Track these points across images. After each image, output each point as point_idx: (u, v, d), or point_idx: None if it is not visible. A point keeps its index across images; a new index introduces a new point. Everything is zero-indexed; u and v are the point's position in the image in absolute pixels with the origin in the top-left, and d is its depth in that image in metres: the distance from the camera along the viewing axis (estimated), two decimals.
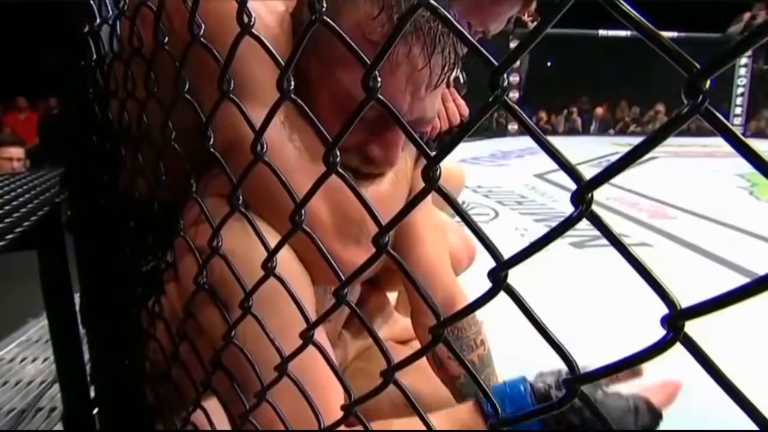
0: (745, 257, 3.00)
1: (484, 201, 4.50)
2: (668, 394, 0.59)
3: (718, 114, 0.20)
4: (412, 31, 0.55)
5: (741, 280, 0.20)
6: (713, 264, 2.99)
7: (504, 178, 5.49)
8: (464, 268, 1.18)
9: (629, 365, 0.23)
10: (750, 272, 2.72)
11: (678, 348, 0.23)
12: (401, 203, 0.65)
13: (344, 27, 0.56)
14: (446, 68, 0.59)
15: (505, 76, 0.24)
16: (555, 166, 0.24)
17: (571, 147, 7.32)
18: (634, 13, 0.21)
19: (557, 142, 0.24)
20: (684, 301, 0.22)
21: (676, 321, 0.22)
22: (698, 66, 0.19)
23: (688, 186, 4.75)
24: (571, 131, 10.23)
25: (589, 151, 7.05)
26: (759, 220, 3.79)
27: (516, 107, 0.24)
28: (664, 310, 0.23)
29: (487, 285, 0.27)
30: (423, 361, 0.91)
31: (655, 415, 0.57)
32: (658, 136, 0.20)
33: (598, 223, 0.23)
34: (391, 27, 0.54)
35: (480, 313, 1.03)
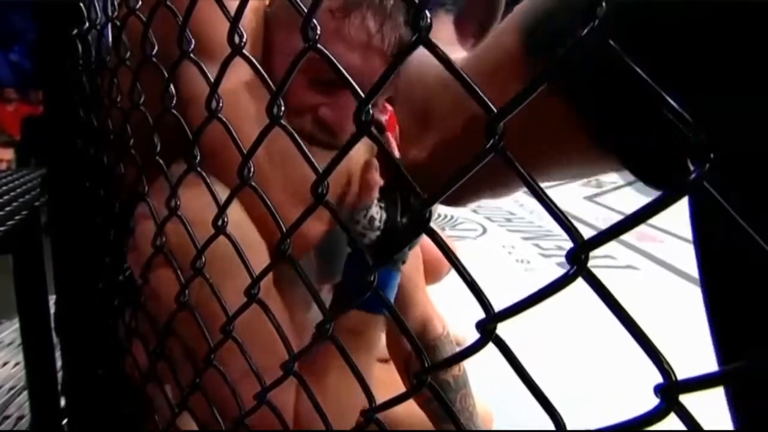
0: None
1: (472, 216, 4.50)
2: None
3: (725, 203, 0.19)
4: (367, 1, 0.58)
5: None
6: (698, 290, 3.01)
7: None
8: (444, 274, 1.18)
9: None
10: None
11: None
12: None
13: None
14: (399, 38, 0.60)
15: (502, 125, 0.23)
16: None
17: None
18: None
19: None
20: (667, 328, 0.21)
21: (670, 392, 0.21)
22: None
23: (677, 210, 4.78)
24: None
25: None
26: None
27: (513, 159, 0.23)
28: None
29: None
30: (397, 383, 0.90)
31: None
32: (659, 206, 0.20)
33: (594, 284, 0.22)
34: None
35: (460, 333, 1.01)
